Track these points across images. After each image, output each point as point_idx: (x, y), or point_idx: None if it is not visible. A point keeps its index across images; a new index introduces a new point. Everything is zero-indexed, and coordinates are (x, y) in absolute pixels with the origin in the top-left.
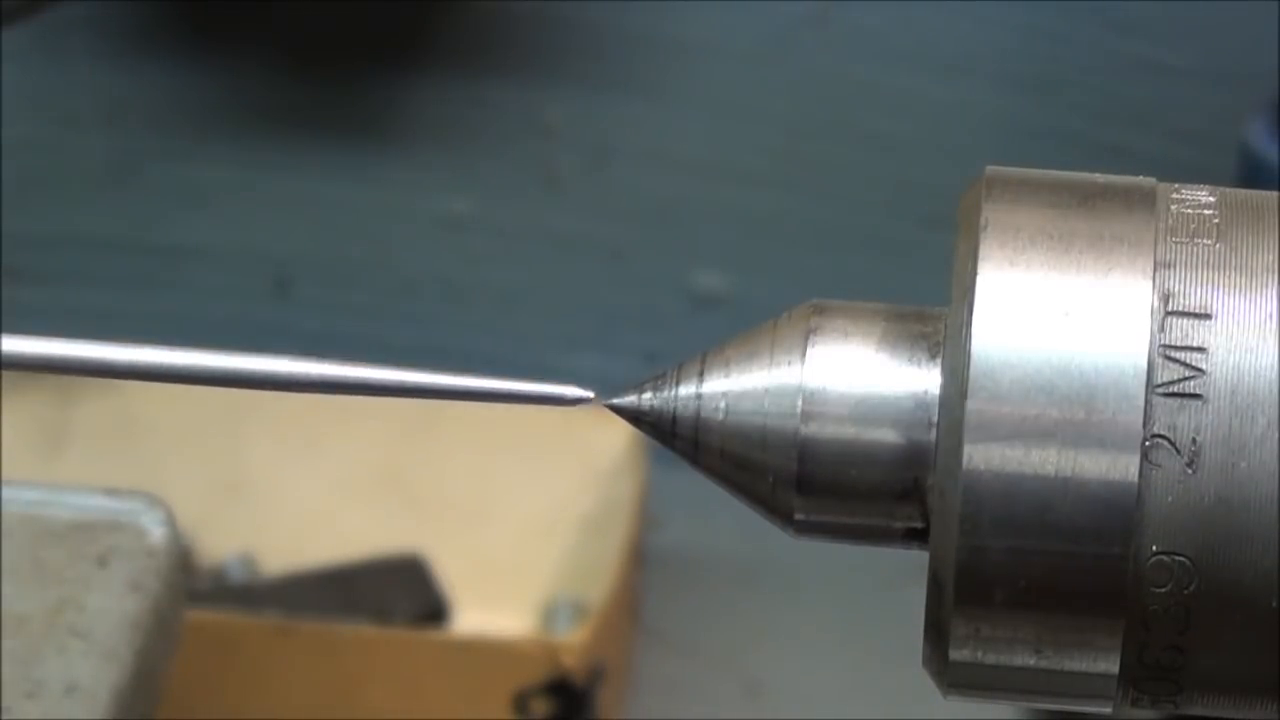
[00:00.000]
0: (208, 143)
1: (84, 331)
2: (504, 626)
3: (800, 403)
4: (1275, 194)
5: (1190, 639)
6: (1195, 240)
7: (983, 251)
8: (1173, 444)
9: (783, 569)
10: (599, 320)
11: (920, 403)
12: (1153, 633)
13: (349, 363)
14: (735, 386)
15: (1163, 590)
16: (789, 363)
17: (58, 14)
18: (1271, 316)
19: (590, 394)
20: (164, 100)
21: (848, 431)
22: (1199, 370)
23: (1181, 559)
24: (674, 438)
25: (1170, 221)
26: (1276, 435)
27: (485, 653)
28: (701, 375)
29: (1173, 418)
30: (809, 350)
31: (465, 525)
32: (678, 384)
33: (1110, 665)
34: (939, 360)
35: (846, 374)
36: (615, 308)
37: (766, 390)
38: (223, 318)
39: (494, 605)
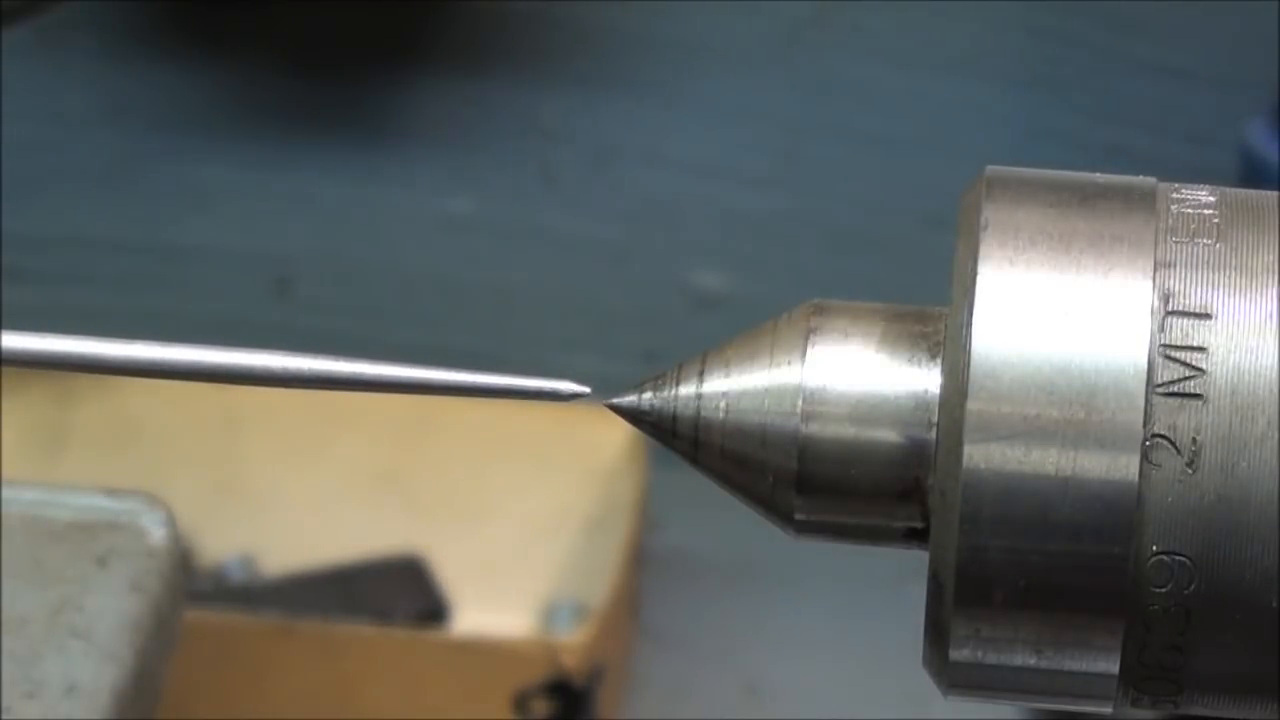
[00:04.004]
0: (208, 143)
1: (84, 332)
2: (504, 626)
3: (800, 402)
4: (1275, 194)
5: (1190, 639)
6: (1195, 240)
7: (983, 251)
8: (1173, 444)
9: (783, 569)
10: (599, 320)
11: (920, 403)
12: (1153, 633)
13: (345, 358)
14: (735, 386)
15: (1163, 590)
16: (789, 363)
17: (58, 14)
18: (1271, 316)
19: (586, 389)
20: (164, 100)
21: (848, 431)
22: (1199, 370)
23: (1181, 559)
24: (674, 437)
25: (1170, 221)
26: (1276, 435)
27: (485, 653)
28: (701, 375)
29: (1173, 417)
30: (809, 350)
31: (465, 525)
32: (678, 384)
33: (1110, 665)
34: (939, 360)
35: (846, 374)
36: (615, 308)
37: (766, 390)
38: (223, 318)
39: (494, 605)
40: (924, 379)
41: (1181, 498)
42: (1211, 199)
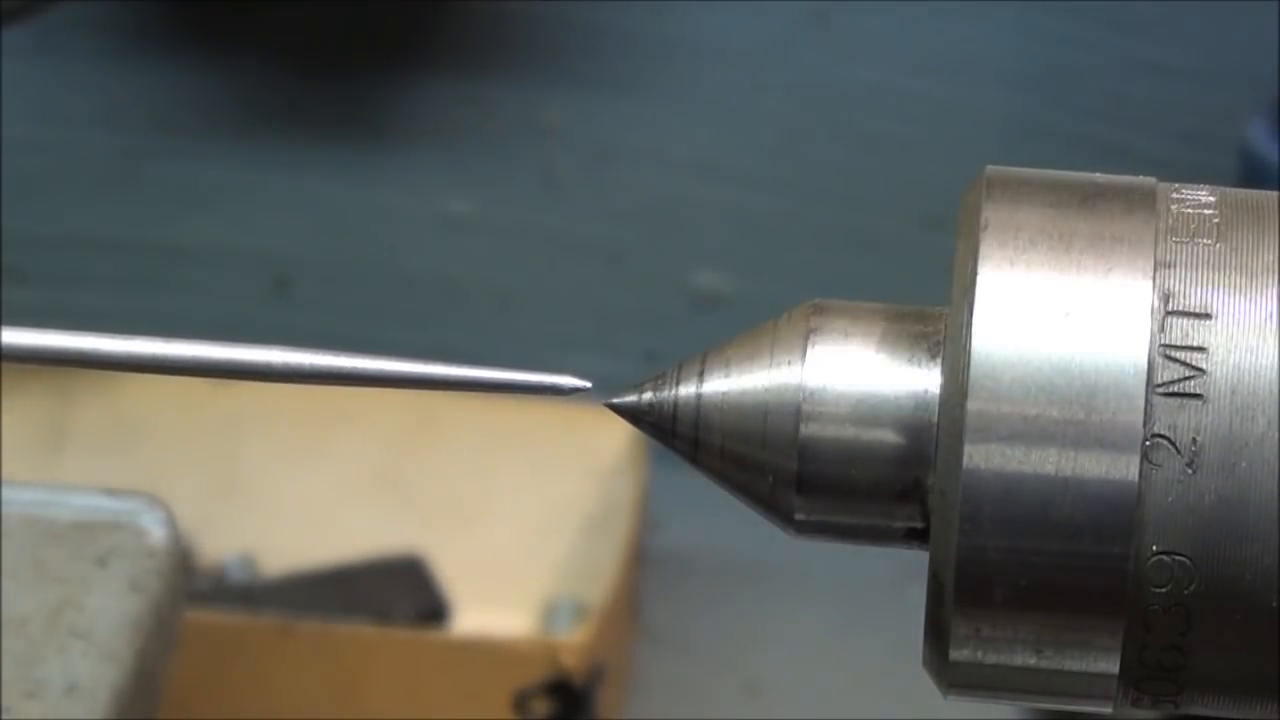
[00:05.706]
0: (208, 143)
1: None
2: (504, 626)
3: (800, 403)
4: (1275, 194)
5: (1190, 639)
6: (1195, 240)
7: (983, 251)
8: (1173, 444)
9: (783, 569)
10: (599, 320)
11: (920, 403)
12: (1153, 633)
13: (345, 354)
14: (735, 386)
15: (1163, 590)
16: (789, 363)
17: (58, 14)
18: (1271, 316)
19: (587, 384)
20: (164, 100)
21: (848, 431)
22: (1199, 370)
23: (1181, 559)
24: (674, 437)
25: (1170, 221)
26: (1276, 435)
27: (485, 653)
28: (702, 375)
29: (1173, 417)
30: (809, 350)
31: (465, 525)
32: (678, 384)
33: (1110, 665)
34: (939, 360)
35: (846, 374)
36: (615, 308)
37: (766, 390)
38: (223, 318)
39: (494, 605)
40: (924, 379)
41: (1181, 497)
42: (1211, 199)
